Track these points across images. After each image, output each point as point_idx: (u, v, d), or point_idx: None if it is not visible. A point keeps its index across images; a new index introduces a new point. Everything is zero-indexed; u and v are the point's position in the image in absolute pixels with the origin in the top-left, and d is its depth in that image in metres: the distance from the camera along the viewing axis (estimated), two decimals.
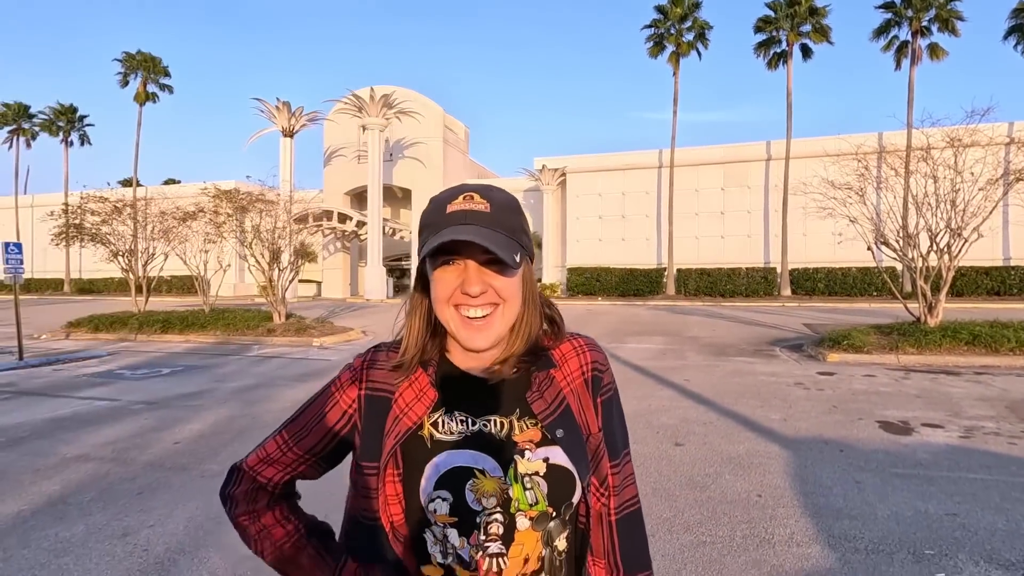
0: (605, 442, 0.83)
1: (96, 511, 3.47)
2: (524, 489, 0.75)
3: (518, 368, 0.81)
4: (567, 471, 0.77)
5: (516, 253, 0.75)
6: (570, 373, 0.83)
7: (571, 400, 0.81)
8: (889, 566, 2.75)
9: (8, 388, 7.37)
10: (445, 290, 0.76)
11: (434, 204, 0.79)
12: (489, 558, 0.74)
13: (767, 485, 3.81)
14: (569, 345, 0.85)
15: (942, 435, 4.91)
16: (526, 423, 0.79)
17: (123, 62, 36.66)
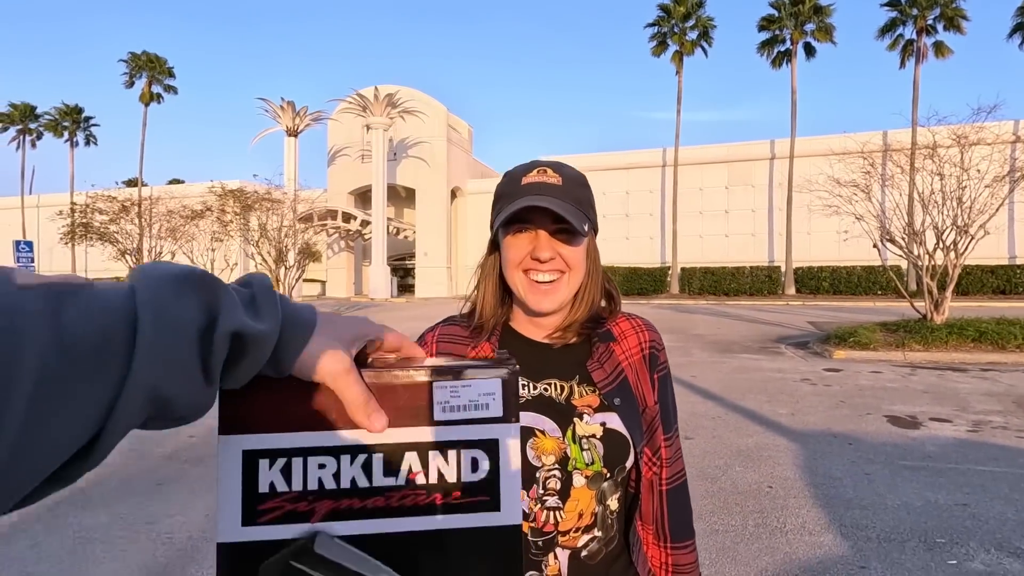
0: (660, 415, 0.88)
1: (118, 501, 3.54)
2: (581, 449, 0.80)
3: (579, 336, 0.87)
4: (623, 436, 0.82)
5: (584, 224, 0.80)
6: (629, 348, 0.88)
7: (629, 373, 0.86)
8: (901, 553, 2.80)
9: None
10: (517, 255, 0.81)
11: (509, 177, 0.84)
12: (547, 511, 0.80)
13: (777, 477, 3.86)
14: (628, 323, 0.91)
15: (950, 429, 4.95)
16: (585, 389, 0.84)
17: (128, 63, 36.85)
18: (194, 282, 0.34)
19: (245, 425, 0.41)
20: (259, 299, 0.38)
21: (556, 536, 0.80)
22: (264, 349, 0.37)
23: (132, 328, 0.30)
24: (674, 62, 27.72)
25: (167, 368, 0.31)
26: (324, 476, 0.41)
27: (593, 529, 0.82)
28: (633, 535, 0.86)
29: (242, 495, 0.40)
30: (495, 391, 0.44)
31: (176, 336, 0.32)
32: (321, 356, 0.39)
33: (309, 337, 0.39)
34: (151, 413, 0.32)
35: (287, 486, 0.41)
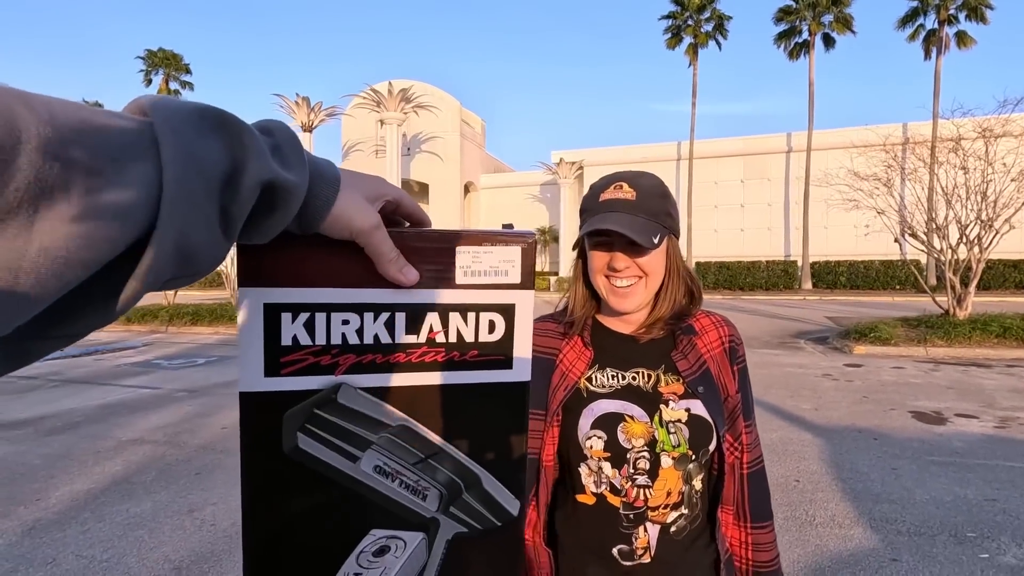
0: (741, 404, 0.94)
1: (159, 489, 3.66)
2: (668, 433, 0.87)
3: (664, 330, 0.94)
4: (707, 421, 0.89)
5: (655, 235, 0.86)
6: (710, 342, 0.96)
7: (711, 365, 0.94)
8: (932, 547, 2.82)
9: (55, 376, 7.66)
10: (598, 264, 0.91)
11: (591, 191, 0.93)
12: (637, 488, 0.87)
13: (804, 471, 3.88)
14: (708, 319, 0.98)
15: (977, 425, 4.92)
16: (670, 378, 0.91)
17: (145, 60, 37.28)
18: (216, 120, 0.31)
19: (266, 278, 0.41)
20: (285, 148, 0.35)
21: (646, 511, 0.87)
22: (294, 202, 0.34)
23: (156, 168, 0.27)
24: (688, 55, 27.48)
25: (195, 215, 0.29)
26: (347, 331, 0.42)
27: (680, 507, 0.88)
28: (716, 515, 0.92)
29: (264, 347, 0.41)
30: (515, 259, 0.45)
31: (201, 179, 0.29)
32: (351, 212, 0.38)
33: (337, 192, 0.37)
34: (177, 267, 0.29)
35: (311, 340, 0.42)
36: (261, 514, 0.43)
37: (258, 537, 0.43)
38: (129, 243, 0.27)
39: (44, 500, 3.50)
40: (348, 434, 0.43)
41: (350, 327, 0.43)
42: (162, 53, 37.38)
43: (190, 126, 0.29)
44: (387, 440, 0.44)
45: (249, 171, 0.31)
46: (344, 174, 0.39)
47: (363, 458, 0.44)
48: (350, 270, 0.42)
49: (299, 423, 0.42)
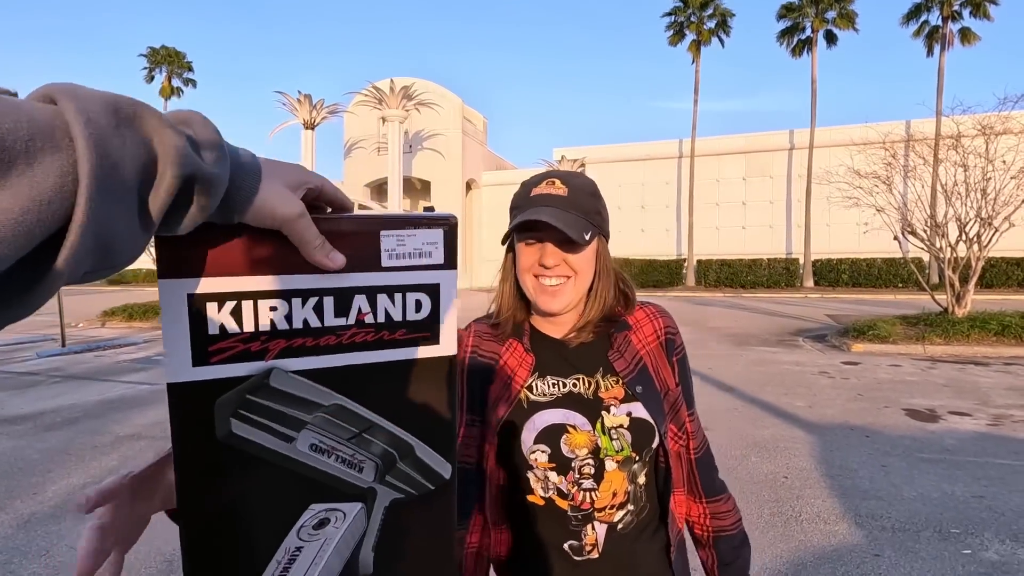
0: (683, 395, 0.96)
1: None
2: (611, 440, 0.88)
3: (596, 333, 0.93)
4: (648, 423, 0.89)
5: (587, 232, 0.85)
6: (645, 337, 0.95)
7: (647, 360, 0.93)
8: (915, 543, 2.84)
9: (57, 373, 7.73)
10: (527, 261, 0.89)
11: (523, 188, 0.92)
12: (583, 492, 0.88)
13: (793, 467, 3.90)
14: (643, 312, 0.97)
15: (970, 422, 4.93)
16: (610, 381, 0.91)
17: (148, 57, 37.36)
18: (131, 112, 0.30)
19: (188, 269, 0.41)
20: (204, 140, 0.34)
21: (593, 512, 0.89)
22: (216, 194, 0.34)
23: (71, 159, 0.26)
24: (691, 52, 27.38)
25: (114, 209, 0.28)
26: (276, 317, 0.44)
27: (627, 505, 0.90)
28: (667, 504, 0.93)
29: (191, 337, 0.42)
30: (438, 240, 0.48)
31: (118, 173, 0.28)
32: (274, 201, 0.38)
33: (259, 182, 0.38)
34: (96, 260, 0.29)
35: (239, 327, 0.43)
36: (197, 501, 0.44)
37: (196, 525, 0.44)
38: (45, 236, 0.26)
39: (41, 494, 3.55)
40: (282, 416, 0.45)
41: (278, 313, 0.44)
42: (164, 51, 37.47)
43: (104, 117, 0.28)
44: (321, 419, 0.46)
45: (167, 167, 0.30)
46: (265, 163, 0.40)
47: (298, 438, 0.46)
48: (275, 257, 0.42)
49: (232, 409, 0.43)
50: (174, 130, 0.31)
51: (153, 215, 0.31)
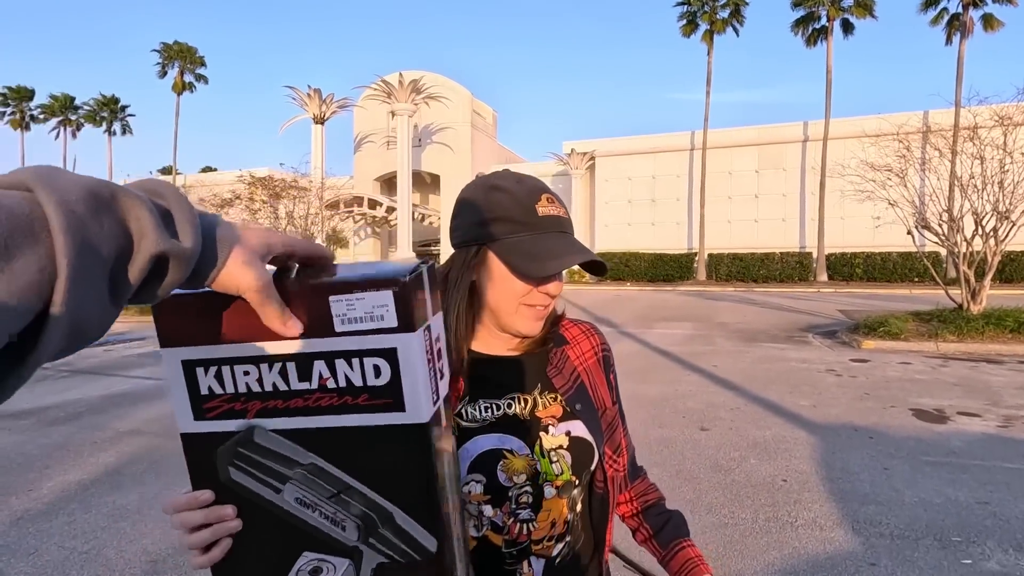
0: (619, 414, 0.91)
1: (149, 481, 3.72)
2: (551, 463, 0.81)
3: (540, 348, 0.87)
4: (587, 442, 0.83)
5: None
6: (583, 353, 0.91)
7: (584, 377, 0.88)
8: (914, 551, 2.75)
9: (65, 367, 7.83)
10: (522, 287, 0.78)
11: (515, 199, 0.78)
12: (520, 523, 0.80)
13: (792, 470, 3.82)
14: (578, 328, 0.93)
15: (979, 424, 4.80)
16: (547, 399, 0.85)
17: (161, 52, 37.64)
18: (108, 197, 0.31)
19: (181, 338, 0.48)
20: (176, 212, 0.36)
21: (529, 545, 0.81)
22: (185, 268, 0.36)
23: (48, 250, 0.27)
24: (704, 42, 26.97)
25: (89, 293, 0.29)
26: (250, 381, 0.48)
27: (566, 536, 0.83)
28: (603, 535, 0.88)
29: (188, 396, 0.49)
30: (387, 303, 0.46)
31: (96, 259, 0.29)
32: (238, 272, 0.39)
33: (228, 252, 0.39)
34: (68, 341, 0.29)
35: (222, 389, 0.48)
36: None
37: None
38: (21, 328, 0.27)
39: (36, 491, 3.58)
40: (268, 469, 0.50)
41: (251, 377, 0.48)
42: (177, 46, 37.72)
43: (83, 204, 0.29)
44: (301, 475, 0.50)
45: (142, 246, 0.32)
46: (232, 231, 0.40)
47: (284, 490, 0.50)
48: (248, 324, 0.45)
49: (228, 459, 0.50)
50: (148, 208, 0.33)
51: (126, 292, 0.33)
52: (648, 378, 6.72)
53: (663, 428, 4.78)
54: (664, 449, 4.27)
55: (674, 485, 3.57)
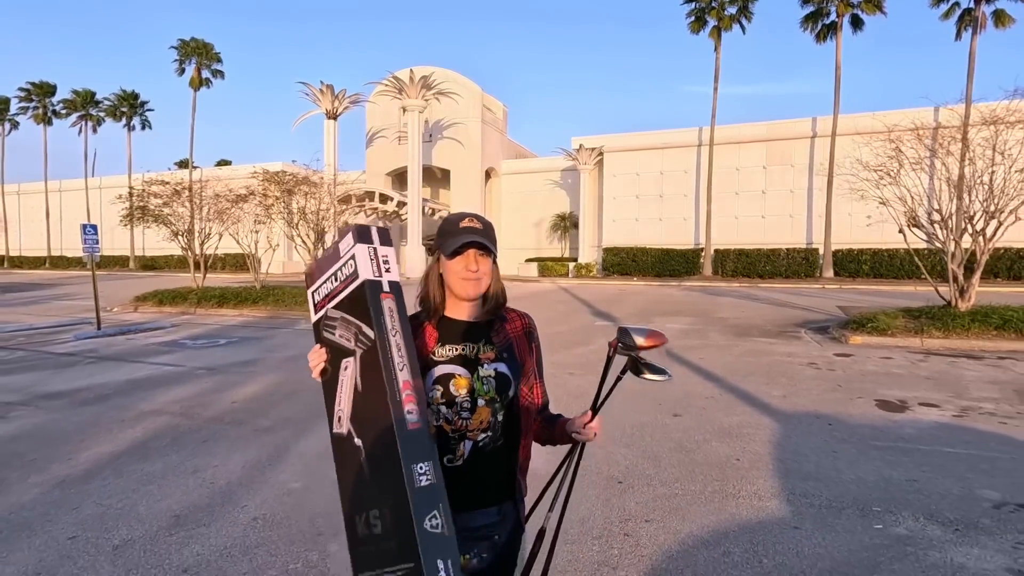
0: (535, 369, 1.44)
1: (171, 453, 4.20)
2: (483, 385, 1.35)
3: (485, 319, 1.42)
4: (507, 376, 1.38)
5: (494, 252, 1.37)
6: (516, 327, 1.46)
7: (514, 341, 1.42)
8: (836, 519, 3.13)
9: (92, 354, 8.40)
10: (458, 265, 1.35)
11: (450, 221, 1.38)
12: (461, 419, 1.34)
13: (748, 451, 4.19)
14: (515, 313, 1.49)
15: (935, 414, 5.13)
16: (487, 348, 1.38)
17: (178, 49, 38.40)
18: None
19: (310, 284, 1.37)
20: None
21: (465, 432, 1.34)
22: None
23: None
24: (712, 38, 27.02)
25: None
26: (320, 294, 1.35)
27: (488, 431, 1.35)
28: (517, 439, 1.40)
29: (313, 305, 1.35)
30: (350, 238, 1.29)
31: None
32: None
33: None
34: None
35: (316, 299, 1.35)
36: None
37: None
38: None
39: (74, 459, 4.08)
40: (330, 328, 1.34)
41: (321, 291, 1.37)
42: (194, 42, 38.44)
43: None
44: (340, 322, 1.32)
45: None
46: None
47: (335, 333, 1.31)
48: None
49: (318, 330, 1.37)
50: None
51: None
52: None
53: (639, 414, 5.16)
54: (636, 432, 4.66)
55: (637, 462, 3.97)
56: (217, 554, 2.79)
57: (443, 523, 1.06)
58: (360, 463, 1.13)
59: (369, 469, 1.11)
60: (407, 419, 1.08)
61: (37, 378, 6.80)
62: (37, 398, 5.84)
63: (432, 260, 1.42)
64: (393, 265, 1.26)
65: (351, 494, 1.16)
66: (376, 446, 1.10)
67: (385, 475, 1.07)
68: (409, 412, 1.10)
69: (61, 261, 45.44)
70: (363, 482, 1.12)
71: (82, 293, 20.03)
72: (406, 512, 1.03)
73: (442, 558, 1.02)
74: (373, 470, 1.10)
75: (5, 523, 3.12)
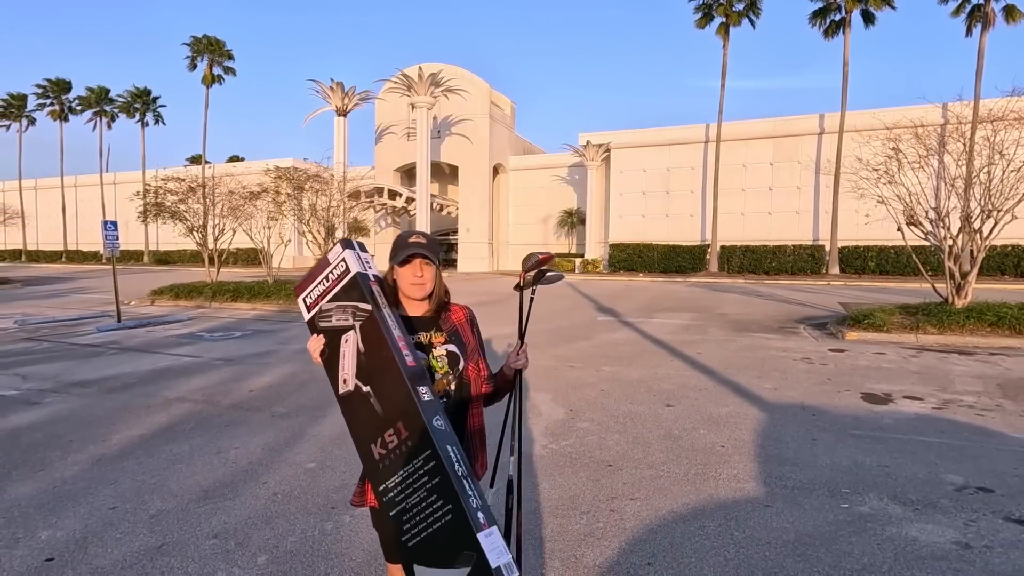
0: (478, 349, 1.75)
1: (196, 436, 4.54)
2: (437, 363, 1.66)
3: (434, 313, 1.73)
4: (456, 354, 1.69)
5: (436, 261, 1.68)
6: (459, 317, 1.77)
7: (458, 327, 1.74)
8: (806, 498, 3.40)
9: (114, 345, 8.80)
10: (408, 271, 1.68)
11: (402, 237, 1.70)
12: None
13: (733, 439, 4.46)
14: (457, 306, 1.79)
15: (916, 406, 5.37)
16: (437, 335, 1.70)
17: (191, 46, 38.88)
18: None
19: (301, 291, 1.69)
20: None
21: None
22: None
23: None
24: (719, 34, 27.03)
25: None
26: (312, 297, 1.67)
27: (444, 396, 1.66)
28: (468, 404, 1.71)
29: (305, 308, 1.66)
30: (339, 248, 1.67)
31: None
32: None
33: None
34: None
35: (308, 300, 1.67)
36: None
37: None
38: None
39: (107, 441, 4.43)
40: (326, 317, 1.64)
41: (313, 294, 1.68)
42: (206, 39, 38.90)
43: None
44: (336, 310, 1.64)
45: None
46: None
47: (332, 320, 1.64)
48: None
49: (314, 323, 1.66)
50: None
51: None
52: (633, 363, 7.38)
53: (633, 404, 5.45)
54: (628, 421, 4.94)
55: (627, 448, 4.26)
56: (242, 523, 3.11)
57: (445, 424, 1.43)
58: (371, 404, 1.45)
59: (380, 403, 1.44)
60: (406, 359, 1.45)
61: (65, 367, 7.19)
62: (67, 386, 6.22)
63: (388, 269, 1.74)
64: (373, 264, 1.66)
65: (365, 430, 1.46)
66: (383, 385, 1.44)
67: (394, 403, 1.42)
68: (407, 355, 1.47)
69: (77, 255, 46.29)
70: (374, 416, 1.44)
71: (99, 287, 20.56)
72: (417, 419, 1.38)
73: (450, 445, 1.40)
74: (383, 402, 1.43)
75: (52, 495, 3.47)
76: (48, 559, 2.77)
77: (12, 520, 3.15)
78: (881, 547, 2.84)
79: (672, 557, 2.76)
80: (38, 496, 3.45)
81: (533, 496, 3.45)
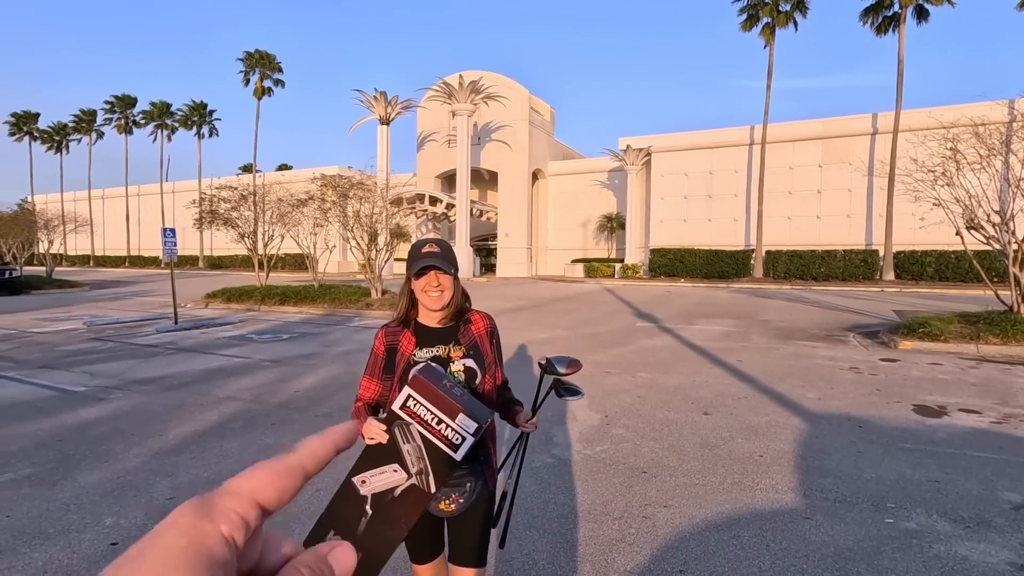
0: (497, 361, 1.77)
1: (245, 433, 4.77)
2: (455, 377, 1.68)
3: (452, 323, 1.75)
4: (474, 369, 1.70)
5: (452, 269, 1.70)
6: (479, 328, 1.77)
7: (478, 340, 1.75)
8: (848, 512, 3.30)
9: (171, 346, 9.30)
10: (424, 284, 1.70)
11: (416, 247, 1.72)
12: None
13: (772, 449, 4.36)
14: (478, 315, 1.80)
15: (973, 420, 5.10)
16: (456, 348, 1.72)
17: (244, 61, 40.69)
18: None
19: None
20: None
21: None
22: None
23: None
24: (764, 36, 26.36)
25: None
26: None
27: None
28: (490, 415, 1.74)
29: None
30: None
31: None
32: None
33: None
34: None
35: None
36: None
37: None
38: None
39: (164, 436, 4.71)
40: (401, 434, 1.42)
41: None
42: (257, 54, 40.63)
43: None
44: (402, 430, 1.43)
45: None
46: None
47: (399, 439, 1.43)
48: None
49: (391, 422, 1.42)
50: None
51: None
52: (671, 370, 7.28)
53: (669, 412, 5.39)
54: (664, 428, 4.90)
55: (662, 455, 4.22)
56: (288, 517, 3.26)
57: None
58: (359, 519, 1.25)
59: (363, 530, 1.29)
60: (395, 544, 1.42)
61: (127, 366, 7.65)
62: (129, 383, 6.63)
63: (404, 280, 1.76)
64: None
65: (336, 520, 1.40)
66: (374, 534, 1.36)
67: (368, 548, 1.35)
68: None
69: (139, 260, 49.02)
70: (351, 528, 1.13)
71: (158, 290, 21.70)
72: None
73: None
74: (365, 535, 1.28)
75: (116, 484, 3.72)
76: (113, 543, 2.98)
77: (82, 506, 3.40)
78: (927, 565, 2.74)
79: (705, 566, 2.74)
80: (103, 485, 3.71)
81: (566, 500, 3.47)
